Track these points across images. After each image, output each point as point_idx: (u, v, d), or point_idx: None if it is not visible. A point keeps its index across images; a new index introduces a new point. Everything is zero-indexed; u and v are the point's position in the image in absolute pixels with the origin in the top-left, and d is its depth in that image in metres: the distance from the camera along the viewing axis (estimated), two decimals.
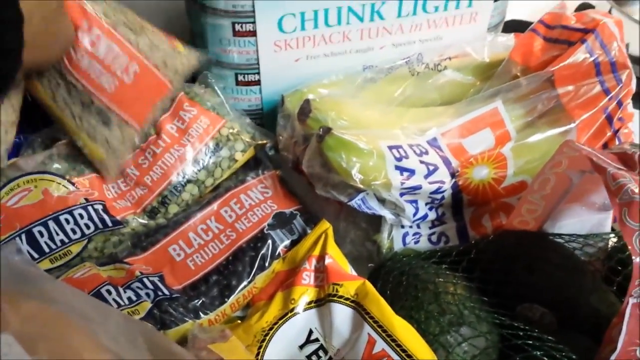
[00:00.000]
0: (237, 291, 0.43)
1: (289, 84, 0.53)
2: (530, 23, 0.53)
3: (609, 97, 0.45)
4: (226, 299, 0.43)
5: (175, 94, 0.49)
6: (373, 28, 0.53)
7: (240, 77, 0.53)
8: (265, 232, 0.46)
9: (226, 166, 0.49)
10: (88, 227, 0.45)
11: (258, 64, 0.52)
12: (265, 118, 0.56)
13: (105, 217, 0.45)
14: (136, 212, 0.47)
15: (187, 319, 0.41)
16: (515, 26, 0.61)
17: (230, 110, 0.52)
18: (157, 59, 0.45)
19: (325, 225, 0.44)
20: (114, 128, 0.45)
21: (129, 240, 0.46)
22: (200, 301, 0.42)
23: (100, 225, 0.45)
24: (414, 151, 0.43)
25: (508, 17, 0.60)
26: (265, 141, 0.51)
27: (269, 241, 0.45)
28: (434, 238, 0.45)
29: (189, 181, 0.48)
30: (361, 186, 0.42)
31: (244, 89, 0.54)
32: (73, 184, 0.45)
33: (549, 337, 0.35)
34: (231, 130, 0.50)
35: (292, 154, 0.49)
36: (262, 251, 0.45)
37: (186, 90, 0.50)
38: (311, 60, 0.53)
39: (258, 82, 0.54)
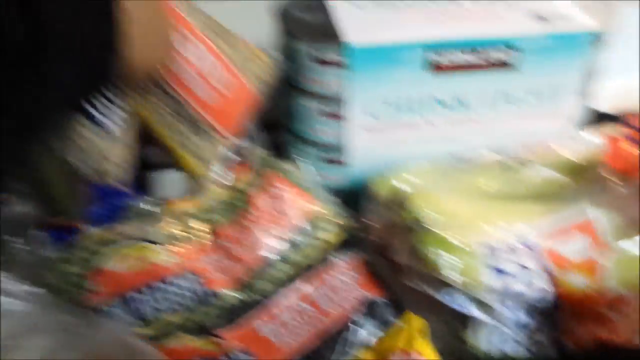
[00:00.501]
0: None
1: (373, 167, 0.54)
2: (614, 117, 0.54)
3: None
4: None
5: (263, 170, 0.50)
6: (460, 117, 0.54)
7: (325, 157, 0.54)
8: (354, 319, 0.45)
9: (318, 247, 0.49)
10: (184, 297, 0.45)
11: (344, 145, 0.53)
12: (347, 198, 0.57)
13: (202, 289, 0.46)
14: (229, 285, 0.47)
15: None
16: (603, 121, 0.60)
17: (319, 189, 0.53)
18: (242, 65, 0.46)
19: (417, 320, 0.44)
20: (204, 137, 0.46)
21: (218, 312, 0.46)
22: None
23: (195, 297, 0.45)
24: (509, 252, 0.43)
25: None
26: (355, 224, 0.51)
27: (357, 329, 0.44)
28: (525, 343, 0.44)
29: (281, 259, 0.48)
30: (453, 283, 0.42)
31: (328, 168, 0.55)
32: (173, 253, 0.46)
33: None
34: (323, 212, 0.50)
35: (380, 240, 0.49)
36: (350, 338, 0.44)
37: (279, 167, 0.51)
38: (398, 146, 0.54)
39: (343, 163, 0.54)
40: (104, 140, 0.41)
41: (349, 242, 0.51)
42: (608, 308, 0.43)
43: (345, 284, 0.47)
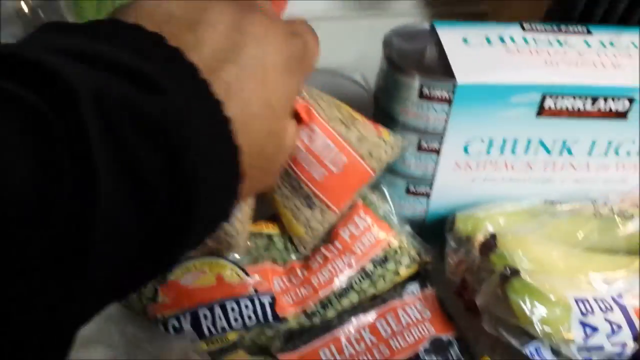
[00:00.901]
0: None
1: (458, 201, 0.52)
2: None
3: None
4: None
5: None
6: (559, 162, 0.51)
7: (411, 188, 0.53)
8: (420, 356, 0.45)
9: (389, 279, 0.49)
10: (250, 318, 0.46)
11: (433, 178, 0.52)
12: (425, 230, 0.56)
13: (270, 311, 0.47)
14: (297, 311, 0.48)
15: None
16: None
17: (398, 220, 0.52)
18: (364, 149, 0.47)
19: None
20: (317, 211, 0.47)
21: (282, 336, 0.47)
22: None
23: (262, 319, 0.46)
24: (600, 307, 0.42)
25: None
26: (429, 259, 0.51)
27: None
28: None
29: (352, 288, 0.48)
30: (540, 335, 0.41)
31: (412, 198, 0.54)
32: (246, 272, 0.47)
33: None
34: (399, 244, 0.50)
35: (459, 278, 0.48)
36: None
37: (362, 196, 0.51)
38: (487, 183, 0.52)
39: (428, 195, 0.53)
40: None
41: (424, 277, 0.51)
42: None
43: (414, 318, 0.47)
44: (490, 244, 0.45)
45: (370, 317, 0.47)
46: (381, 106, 0.51)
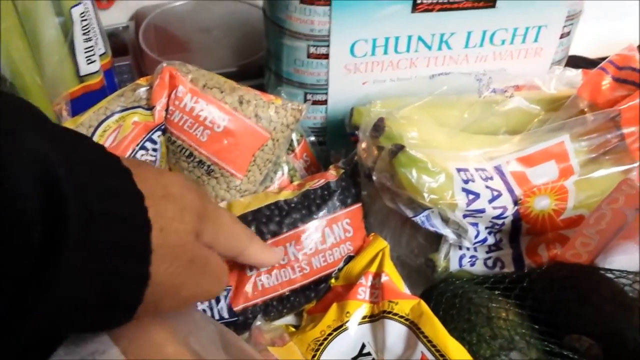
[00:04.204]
0: None
1: (354, 105, 0.56)
2: (592, 60, 0.54)
3: None
4: None
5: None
6: (440, 57, 0.55)
7: (309, 96, 0.56)
8: (332, 275, 0.48)
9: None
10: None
11: (327, 84, 0.55)
12: (328, 136, 0.59)
13: None
14: None
15: None
16: (577, 62, 0.61)
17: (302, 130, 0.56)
18: (248, 111, 0.49)
19: (382, 244, 0.46)
20: (221, 180, 0.49)
21: None
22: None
23: None
24: (480, 176, 0.45)
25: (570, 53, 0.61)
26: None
27: (330, 282, 0.48)
28: (489, 262, 0.47)
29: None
30: (428, 204, 0.44)
31: (311, 107, 0.57)
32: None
33: None
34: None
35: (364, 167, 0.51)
36: (321, 292, 0.47)
37: None
38: (378, 84, 0.56)
39: (325, 102, 0.57)
40: None
41: (349, 185, 0.51)
42: (567, 228, 0.45)
43: (339, 239, 0.48)
44: (379, 127, 0.47)
45: (298, 229, 0.47)
46: (268, 16, 0.54)
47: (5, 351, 0.22)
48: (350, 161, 0.50)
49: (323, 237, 0.47)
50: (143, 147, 0.49)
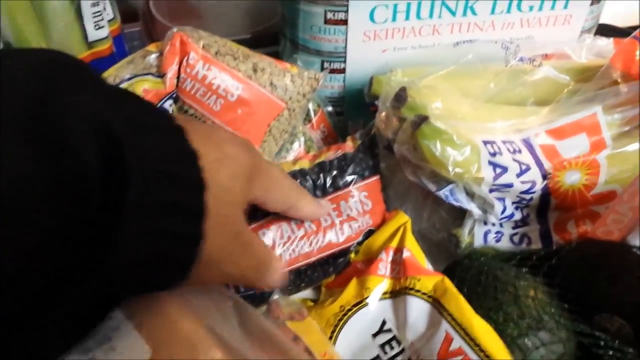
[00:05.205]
0: None
1: (373, 74, 0.53)
2: (622, 29, 0.52)
3: None
4: None
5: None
6: (464, 23, 0.53)
7: (326, 65, 0.54)
8: (351, 250, 0.46)
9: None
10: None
11: (345, 52, 0.53)
12: (346, 106, 0.57)
13: None
14: None
15: None
16: (606, 31, 0.59)
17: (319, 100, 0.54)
18: (263, 79, 0.47)
19: (404, 218, 0.45)
20: None
21: None
22: None
23: None
24: (508, 148, 0.43)
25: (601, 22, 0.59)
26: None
27: (349, 256, 0.45)
28: (516, 239, 0.45)
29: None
30: (453, 178, 0.42)
31: (328, 76, 0.55)
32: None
33: (630, 350, 0.34)
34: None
35: (384, 137, 0.49)
36: (340, 266, 0.45)
37: None
38: (398, 52, 0.54)
39: (343, 71, 0.54)
40: None
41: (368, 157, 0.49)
42: (597, 203, 0.43)
43: (356, 212, 0.46)
44: (400, 97, 0.45)
45: None
46: None
47: (64, 311, 0.22)
48: (368, 132, 0.48)
49: (339, 210, 0.45)
50: None
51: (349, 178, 0.46)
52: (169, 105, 0.48)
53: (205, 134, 0.28)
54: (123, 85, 0.47)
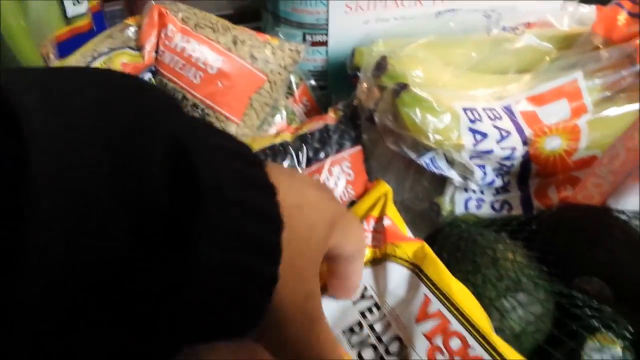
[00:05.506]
0: None
1: (355, 46, 0.53)
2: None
3: None
4: None
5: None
6: None
7: (307, 37, 0.54)
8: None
9: None
10: None
11: (327, 24, 0.52)
12: (330, 80, 0.57)
13: None
14: None
15: None
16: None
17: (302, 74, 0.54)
18: (243, 51, 0.47)
19: (385, 188, 0.44)
20: (214, 122, 0.47)
21: None
22: None
23: None
24: (488, 115, 0.43)
25: None
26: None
27: None
28: (497, 205, 0.45)
29: None
30: (433, 145, 0.42)
31: (310, 49, 0.54)
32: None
33: (607, 308, 0.35)
34: None
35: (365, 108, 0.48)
36: None
37: None
38: (380, 23, 0.53)
39: (325, 43, 0.54)
40: None
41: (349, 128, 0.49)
42: (576, 168, 0.43)
43: (338, 184, 0.46)
44: (381, 65, 0.45)
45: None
46: None
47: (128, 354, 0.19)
48: (349, 103, 0.48)
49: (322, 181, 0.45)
50: None
51: (331, 149, 0.46)
52: (147, 79, 0.47)
53: (285, 174, 0.25)
54: (101, 59, 0.47)
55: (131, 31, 0.48)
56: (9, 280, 0.16)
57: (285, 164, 0.44)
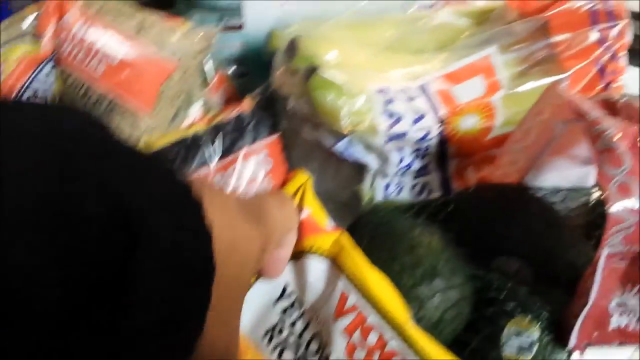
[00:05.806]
0: None
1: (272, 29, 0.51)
2: None
3: (603, 47, 0.43)
4: None
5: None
6: None
7: (223, 21, 0.51)
8: None
9: None
10: None
11: (242, 7, 0.50)
12: (250, 67, 0.54)
13: None
14: None
15: None
16: None
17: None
18: (147, 38, 0.44)
19: (303, 177, 0.43)
20: (122, 114, 0.44)
21: None
22: None
23: None
24: (403, 96, 0.42)
25: None
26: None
27: None
28: (417, 189, 0.44)
29: None
30: (346, 130, 0.41)
31: (227, 35, 0.52)
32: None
33: (523, 289, 0.34)
34: None
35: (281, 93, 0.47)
36: None
37: None
38: (297, 4, 0.51)
39: (241, 27, 0.52)
40: None
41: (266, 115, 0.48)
42: (494, 146, 0.42)
43: (257, 174, 0.45)
44: (292, 47, 0.43)
45: (213, 166, 0.44)
46: None
47: None
48: (265, 90, 0.46)
49: (238, 174, 0.43)
50: (30, 87, 0.44)
51: (246, 139, 0.44)
52: (46, 73, 0.44)
53: (216, 205, 0.24)
54: None
55: (28, 21, 0.45)
56: None
57: (197, 159, 0.42)
